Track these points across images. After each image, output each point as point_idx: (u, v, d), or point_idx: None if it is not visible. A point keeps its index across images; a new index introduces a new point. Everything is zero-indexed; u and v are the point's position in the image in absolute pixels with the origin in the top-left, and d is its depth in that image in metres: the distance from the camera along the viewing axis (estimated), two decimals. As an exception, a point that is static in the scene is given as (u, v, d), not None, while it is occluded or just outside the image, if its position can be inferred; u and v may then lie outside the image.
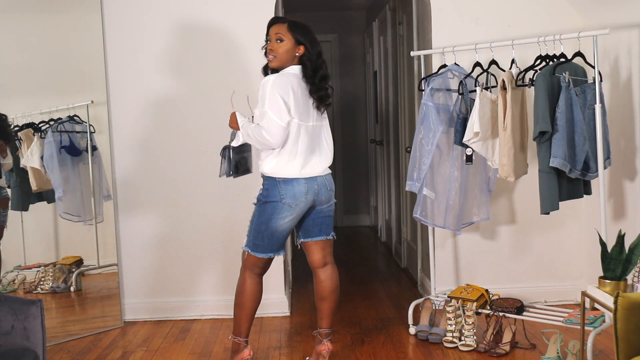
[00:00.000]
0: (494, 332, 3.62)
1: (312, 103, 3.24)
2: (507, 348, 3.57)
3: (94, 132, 4.25)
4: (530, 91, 3.78)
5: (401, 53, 5.55)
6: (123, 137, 4.34)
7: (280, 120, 3.07)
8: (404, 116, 5.39)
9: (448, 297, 3.89)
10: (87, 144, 4.21)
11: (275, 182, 3.20)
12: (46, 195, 4.13)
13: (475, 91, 3.71)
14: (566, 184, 3.60)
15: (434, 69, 4.10)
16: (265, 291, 3.42)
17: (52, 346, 3.88)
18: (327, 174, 3.33)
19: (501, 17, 4.33)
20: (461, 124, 3.75)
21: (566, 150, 3.45)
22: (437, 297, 4.09)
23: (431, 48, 4.32)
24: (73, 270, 4.24)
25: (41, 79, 4.12)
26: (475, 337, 3.67)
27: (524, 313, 3.75)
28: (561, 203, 3.58)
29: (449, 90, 3.94)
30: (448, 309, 3.78)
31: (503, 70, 3.84)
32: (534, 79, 3.57)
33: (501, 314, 3.67)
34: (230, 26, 4.33)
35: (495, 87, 3.84)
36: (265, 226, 3.23)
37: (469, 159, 3.78)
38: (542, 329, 3.61)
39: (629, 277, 3.00)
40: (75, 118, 4.18)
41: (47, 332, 2.87)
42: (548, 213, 3.55)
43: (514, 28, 4.27)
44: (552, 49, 3.69)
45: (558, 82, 3.50)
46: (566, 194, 3.62)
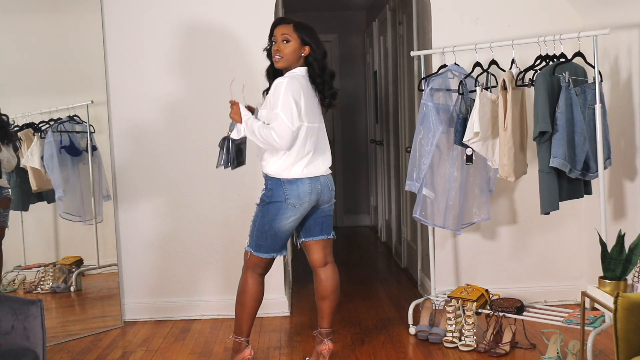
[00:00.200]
0: (494, 332, 3.62)
1: (320, 103, 3.27)
2: (507, 348, 3.57)
3: (94, 132, 4.25)
4: (530, 91, 3.78)
5: (401, 53, 5.55)
6: (123, 137, 4.35)
7: (291, 124, 3.09)
8: (404, 116, 5.39)
9: (448, 297, 3.88)
10: (87, 144, 4.21)
11: (279, 183, 3.20)
12: (46, 195, 4.13)
13: (475, 91, 3.71)
14: (566, 184, 3.60)
15: (434, 69, 4.10)
16: (265, 291, 3.42)
17: (52, 346, 3.88)
18: (329, 174, 3.34)
19: (501, 17, 4.33)
20: (461, 124, 3.75)
21: (566, 150, 3.45)
22: (437, 297, 4.09)
23: (431, 48, 4.32)
24: (73, 270, 4.24)
25: (41, 79, 4.12)
26: (475, 337, 3.67)
27: (524, 313, 3.75)
28: (561, 203, 3.58)
29: (449, 90, 3.94)
30: (448, 309, 3.78)
31: (503, 70, 3.84)
32: (534, 79, 3.57)
33: (501, 314, 3.67)
34: (230, 26, 4.33)
35: (495, 87, 3.84)
36: (268, 226, 3.23)
37: (469, 159, 3.78)
38: (542, 329, 3.61)
39: (629, 277, 3.00)
40: (75, 118, 4.18)
41: (47, 332, 2.87)
42: (548, 213, 3.55)
43: (514, 28, 4.27)
44: (552, 49, 3.69)
45: (558, 82, 3.50)
46: (566, 194, 3.62)
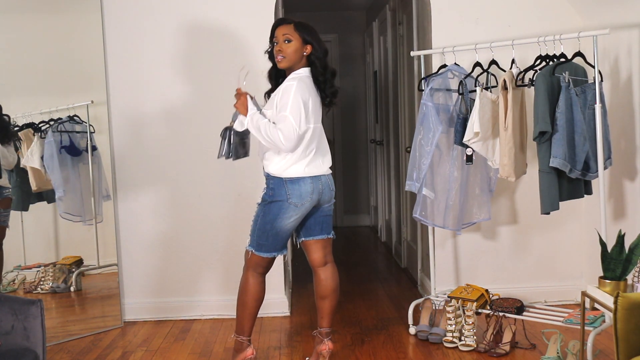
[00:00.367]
0: (494, 332, 3.62)
1: (323, 102, 3.28)
2: (507, 348, 3.57)
3: (94, 132, 4.25)
4: (529, 91, 3.78)
5: (401, 53, 5.55)
6: (123, 137, 4.35)
7: (299, 128, 3.10)
8: (404, 116, 5.39)
9: (448, 297, 3.88)
10: (87, 144, 4.21)
11: (281, 182, 3.20)
12: (46, 195, 4.12)
13: (475, 91, 3.71)
14: (566, 184, 3.59)
15: (434, 69, 4.10)
16: (265, 291, 3.42)
17: (52, 346, 3.88)
18: (329, 174, 3.34)
19: (501, 17, 4.33)
20: (461, 124, 3.75)
21: (566, 150, 3.45)
22: (437, 297, 4.09)
23: (431, 48, 4.32)
24: (73, 270, 4.24)
25: (41, 79, 4.12)
26: (475, 337, 3.67)
27: (524, 313, 3.75)
28: (561, 203, 3.58)
29: (449, 90, 3.94)
30: (448, 309, 3.78)
31: (503, 70, 3.84)
32: (534, 79, 3.57)
33: (501, 314, 3.67)
34: (230, 26, 4.33)
35: (495, 87, 3.84)
36: (270, 226, 3.23)
37: (469, 159, 3.78)
38: (542, 329, 3.61)
39: (629, 277, 2.99)
40: (75, 118, 4.18)
41: (47, 332, 2.87)
42: (548, 213, 3.55)
43: (514, 28, 4.27)
44: (552, 49, 3.69)
45: (558, 82, 3.50)
46: (566, 194, 3.62)
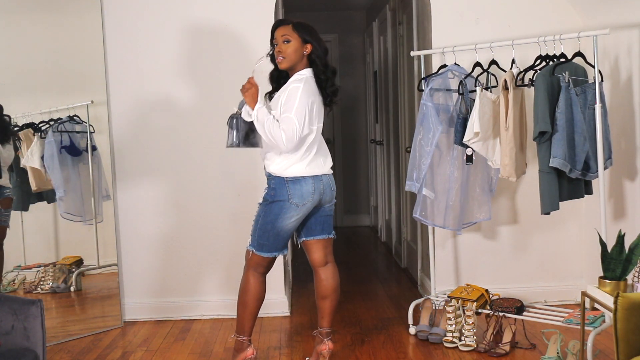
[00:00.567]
0: (494, 332, 3.62)
1: (324, 102, 3.27)
2: (507, 348, 3.57)
3: (94, 132, 4.25)
4: (529, 91, 3.78)
5: (401, 53, 5.55)
6: (123, 137, 4.35)
7: (301, 131, 3.11)
8: (404, 116, 5.39)
9: (448, 297, 3.88)
10: (87, 144, 4.21)
11: (282, 182, 3.20)
12: (46, 195, 4.12)
13: (475, 91, 3.71)
14: (567, 184, 3.59)
15: (434, 69, 4.10)
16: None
17: (52, 346, 3.88)
18: (330, 174, 3.34)
19: (501, 17, 4.33)
20: (461, 124, 3.74)
21: (566, 150, 3.44)
22: (437, 297, 4.09)
23: (431, 48, 4.32)
24: (73, 270, 4.24)
25: (41, 79, 4.12)
26: (475, 337, 3.67)
27: (524, 313, 3.75)
28: (561, 203, 3.58)
29: (449, 90, 3.94)
30: (448, 309, 3.78)
31: (503, 70, 3.84)
32: (534, 79, 3.57)
33: (501, 314, 3.67)
34: (230, 26, 4.33)
35: (495, 87, 3.84)
36: (271, 226, 3.23)
37: (469, 159, 3.78)
38: (542, 329, 3.61)
39: (629, 277, 2.99)
40: (75, 118, 4.17)
41: (47, 332, 2.87)
42: (548, 213, 3.55)
43: (514, 28, 4.27)
44: (552, 49, 3.69)
45: (558, 82, 3.50)
46: (567, 194, 3.62)
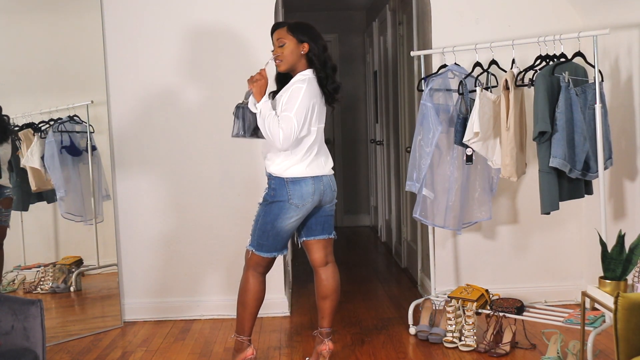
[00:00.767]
0: (494, 332, 3.62)
1: (326, 100, 3.26)
2: (507, 348, 3.57)
3: (93, 132, 4.25)
4: (529, 91, 3.78)
5: (401, 53, 5.55)
6: (123, 137, 4.34)
7: (299, 131, 3.11)
8: (404, 116, 5.39)
9: (448, 297, 3.88)
10: (87, 144, 4.21)
11: (282, 182, 3.20)
12: (46, 195, 4.12)
13: (475, 91, 3.70)
14: (567, 184, 3.59)
15: (434, 69, 4.10)
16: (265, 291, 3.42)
17: (52, 346, 3.88)
18: (331, 174, 3.34)
19: (501, 17, 4.33)
20: (461, 124, 3.74)
21: (566, 150, 3.44)
22: (437, 297, 4.09)
23: (431, 48, 4.32)
24: (73, 270, 4.24)
25: (41, 79, 4.12)
26: (475, 337, 3.67)
27: (524, 313, 3.74)
28: (561, 203, 3.58)
29: (449, 90, 3.94)
30: (448, 309, 3.77)
31: (503, 70, 3.84)
32: (534, 79, 3.57)
33: (501, 314, 3.67)
34: (230, 26, 4.33)
35: (495, 87, 3.84)
36: (271, 226, 3.23)
37: (469, 159, 3.78)
38: (543, 329, 3.61)
39: (629, 277, 2.99)
40: (75, 118, 4.17)
41: (47, 332, 2.87)
42: (548, 213, 3.55)
43: (514, 28, 4.27)
44: (552, 49, 3.69)
45: (558, 82, 3.49)
46: (567, 194, 3.62)
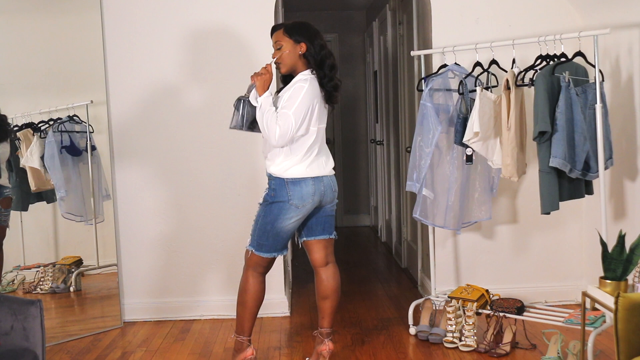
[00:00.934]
0: (495, 333, 3.62)
1: (325, 100, 3.24)
2: (508, 348, 3.57)
3: (93, 132, 4.24)
4: (529, 91, 3.77)
5: (401, 53, 5.55)
6: (123, 137, 4.34)
7: (296, 130, 3.11)
8: (404, 116, 5.39)
9: (448, 298, 3.88)
10: (87, 144, 4.21)
11: (283, 183, 3.20)
12: (46, 195, 4.12)
13: (475, 91, 3.70)
14: (567, 184, 3.59)
15: (434, 69, 4.10)
16: (265, 291, 3.42)
17: (52, 346, 3.88)
18: (332, 175, 3.33)
19: (501, 17, 4.32)
20: (461, 124, 3.74)
21: (566, 150, 3.44)
22: (438, 297, 4.09)
23: (431, 48, 4.31)
24: (73, 270, 4.24)
25: (41, 79, 4.12)
26: (475, 338, 3.67)
27: (525, 313, 3.74)
28: (562, 203, 3.58)
29: (449, 90, 3.93)
30: (448, 309, 3.77)
31: (503, 70, 3.84)
32: (534, 79, 3.57)
33: (501, 314, 3.67)
34: (230, 26, 4.32)
35: (495, 87, 3.84)
36: (271, 226, 3.23)
37: (469, 159, 3.77)
38: (543, 329, 3.61)
39: (630, 278, 2.99)
40: (74, 118, 4.17)
41: (47, 333, 2.87)
42: (548, 213, 3.54)
43: (514, 28, 4.27)
44: (553, 49, 3.69)
45: (558, 82, 3.49)
46: (567, 194, 3.61)
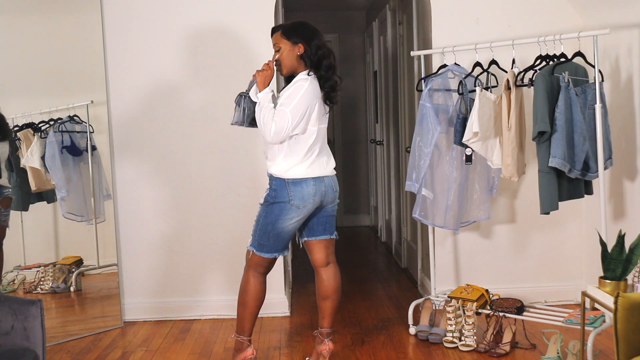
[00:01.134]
0: (494, 332, 3.62)
1: (324, 100, 3.24)
2: (507, 348, 3.57)
3: (93, 132, 4.25)
4: (528, 91, 3.77)
5: (401, 53, 5.55)
6: (123, 137, 4.34)
7: (292, 129, 3.11)
8: (404, 116, 5.39)
9: (448, 297, 3.88)
10: (87, 144, 4.21)
11: (283, 183, 3.20)
12: (46, 195, 4.12)
13: (475, 91, 3.70)
14: (566, 184, 3.59)
15: (434, 69, 4.10)
16: (265, 291, 3.43)
17: (52, 346, 3.88)
18: (333, 175, 3.33)
19: (501, 17, 4.33)
20: (461, 124, 3.74)
21: (565, 150, 3.44)
22: (437, 297, 4.09)
23: (431, 48, 4.32)
24: (73, 270, 4.24)
25: (41, 79, 4.12)
26: (475, 337, 3.67)
27: (524, 313, 3.75)
28: (561, 203, 3.58)
29: (449, 90, 3.94)
30: (448, 309, 3.78)
31: (503, 70, 3.84)
32: (533, 79, 3.57)
33: (501, 314, 3.67)
34: (230, 26, 4.33)
35: (495, 87, 3.84)
36: (271, 227, 3.23)
37: (469, 159, 3.77)
38: (542, 329, 3.61)
39: (629, 277, 2.99)
40: (75, 118, 4.18)
41: (47, 332, 2.87)
42: (548, 213, 3.54)
43: (514, 28, 4.27)
44: (552, 49, 3.69)
45: (557, 82, 3.49)
46: (566, 194, 3.62)
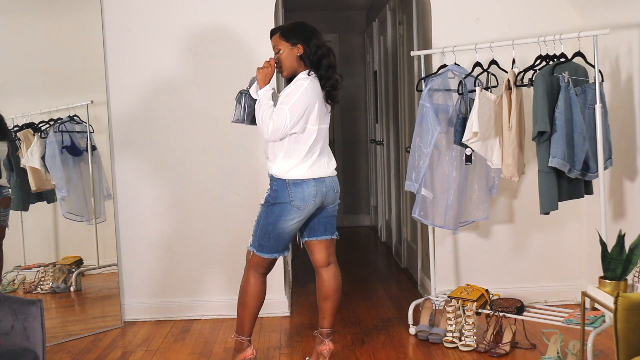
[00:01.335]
0: (494, 332, 3.62)
1: (325, 99, 3.23)
2: (507, 348, 3.57)
3: (93, 132, 4.25)
4: (528, 91, 3.77)
5: (401, 53, 5.55)
6: (123, 137, 4.34)
7: (290, 127, 3.11)
8: (404, 116, 5.39)
9: (448, 297, 3.88)
10: (87, 144, 4.21)
11: (284, 184, 3.19)
12: (46, 195, 4.12)
13: (475, 91, 3.70)
14: (566, 184, 3.59)
15: (434, 69, 4.10)
16: (265, 291, 3.42)
17: (52, 346, 3.88)
18: (334, 175, 3.33)
19: (501, 17, 4.33)
20: (461, 124, 3.74)
21: (565, 150, 3.44)
22: (437, 297, 4.09)
23: (431, 48, 4.32)
24: (73, 270, 4.24)
25: (41, 79, 4.12)
26: (475, 337, 3.67)
27: (524, 313, 3.75)
28: (561, 203, 3.58)
29: (449, 90, 3.94)
30: (448, 309, 3.78)
31: (503, 70, 3.84)
32: (533, 79, 3.57)
33: (501, 314, 3.67)
34: (230, 26, 4.33)
35: (495, 87, 3.84)
36: (272, 227, 3.23)
37: (469, 159, 3.77)
38: (542, 329, 3.61)
39: (629, 277, 2.99)
40: (75, 118, 4.18)
41: (47, 332, 2.87)
42: (547, 213, 3.55)
43: (514, 28, 4.27)
44: (552, 49, 3.69)
45: (557, 82, 3.50)
46: (566, 194, 3.62)
